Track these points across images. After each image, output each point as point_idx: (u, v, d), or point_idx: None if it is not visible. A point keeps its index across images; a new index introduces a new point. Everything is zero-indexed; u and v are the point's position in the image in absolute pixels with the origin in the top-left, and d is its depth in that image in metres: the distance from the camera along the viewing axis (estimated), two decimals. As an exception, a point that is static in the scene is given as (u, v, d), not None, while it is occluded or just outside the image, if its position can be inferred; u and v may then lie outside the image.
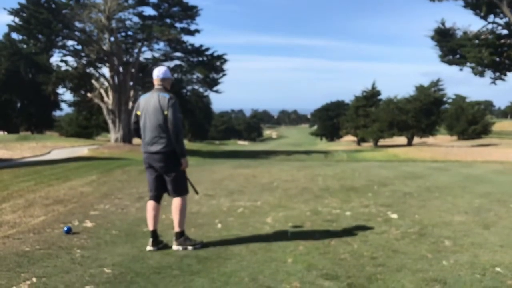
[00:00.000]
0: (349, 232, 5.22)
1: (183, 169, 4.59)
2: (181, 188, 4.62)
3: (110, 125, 36.84)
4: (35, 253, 4.32)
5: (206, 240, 4.80)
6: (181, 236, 4.54)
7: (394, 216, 6.09)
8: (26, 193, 7.93)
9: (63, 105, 51.92)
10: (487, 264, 4.06)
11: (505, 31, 24.96)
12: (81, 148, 27.97)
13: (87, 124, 52.19)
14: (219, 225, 5.52)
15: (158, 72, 4.64)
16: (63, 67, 37.07)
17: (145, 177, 9.45)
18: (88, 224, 5.55)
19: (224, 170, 11.60)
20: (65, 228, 5.11)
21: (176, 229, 4.56)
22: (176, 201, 4.60)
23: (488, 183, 9.29)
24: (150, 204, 4.64)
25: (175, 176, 4.56)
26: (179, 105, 4.56)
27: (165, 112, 4.44)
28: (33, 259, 4.13)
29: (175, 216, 4.58)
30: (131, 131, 4.91)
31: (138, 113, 4.63)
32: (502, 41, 24.88)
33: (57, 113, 56.10)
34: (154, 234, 4.55)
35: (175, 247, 4.50)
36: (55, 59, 59.86)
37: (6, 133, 45.31)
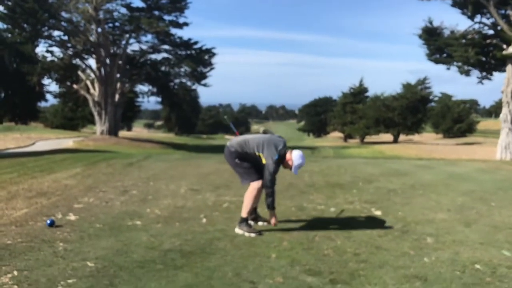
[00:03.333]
0: (333, 228, 5.27)
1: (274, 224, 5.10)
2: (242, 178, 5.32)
3: (96, 117, 36.53)
4: (17, 246, 4.27)
5: (190, 235, 4.80)
6: (242, 221, 4.98)
7: (378, 213, 6.16)
8: (8, 185, 7.82)
9: (48, 96, 51.35)
10: (467, 261, 4.13)
11: (491, 31, 25.25)
12: (66, 140, 27.71)
13: (72, 115, 51.62)
14: (204, 220, 5.52)
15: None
16: (49, 57, 36.65)
17: (130, 171, 9.40)
18: (72, 217, 5.50)
19: (210, 164, 11.58)
20: (48, 221, 5.05)
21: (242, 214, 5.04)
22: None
23: (471, 182, 9.42)
24: None
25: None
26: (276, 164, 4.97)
27: (261, 150, 5.13)
28: (14, 252, 4.09)
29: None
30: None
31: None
32: (488, 41, 25.17)
33: (42, 104, 55.43)
34: None
35: (236, 229, 4.98)
36: (41, 49, 59.18)
37: (-11, 123, 44.61)
